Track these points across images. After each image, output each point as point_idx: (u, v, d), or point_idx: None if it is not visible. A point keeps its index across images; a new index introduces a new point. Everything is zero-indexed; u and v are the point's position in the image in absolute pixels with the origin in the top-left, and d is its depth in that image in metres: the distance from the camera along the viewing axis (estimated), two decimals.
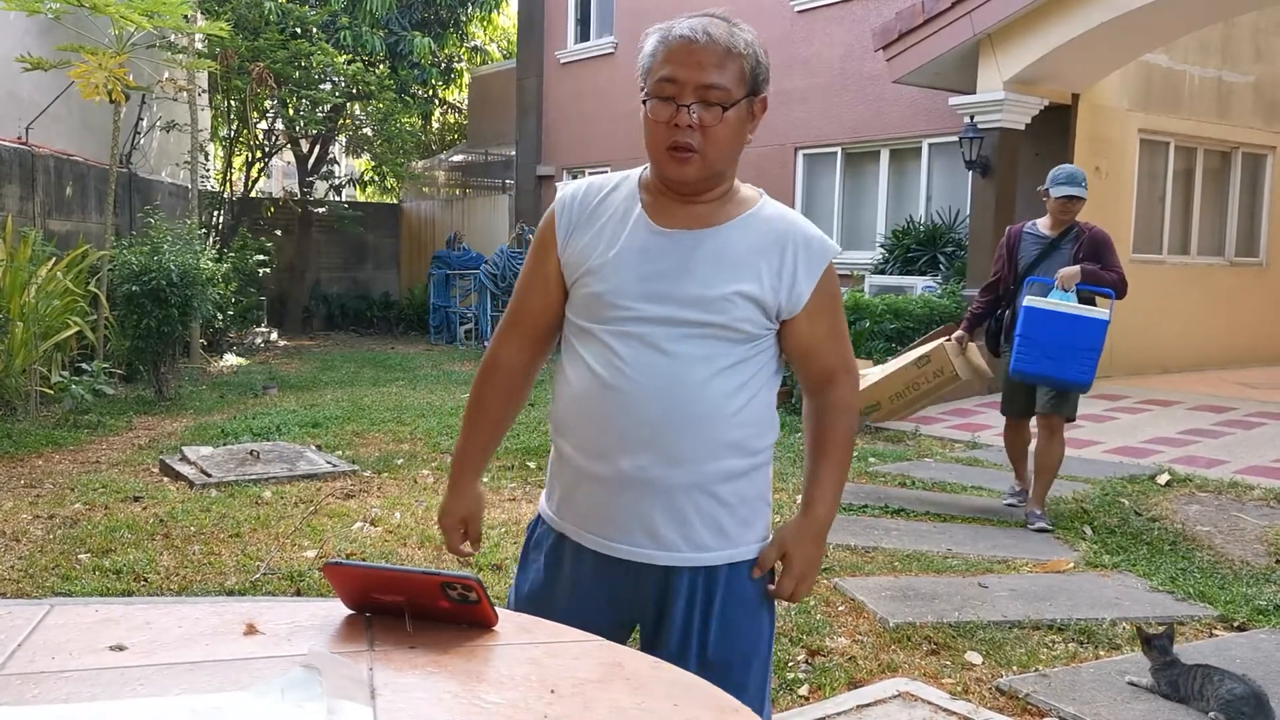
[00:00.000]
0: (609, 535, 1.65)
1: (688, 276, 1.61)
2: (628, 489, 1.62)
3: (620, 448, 1.61)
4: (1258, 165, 11.21)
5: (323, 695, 1.00)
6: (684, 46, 1.58)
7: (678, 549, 1.63)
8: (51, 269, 7.64)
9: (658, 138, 1.60)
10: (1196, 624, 3.64)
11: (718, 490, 1.63)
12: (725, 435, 1.62)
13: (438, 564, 4.17)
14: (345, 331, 15.37)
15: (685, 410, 1.59)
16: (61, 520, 4.67)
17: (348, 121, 15.60)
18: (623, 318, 1.62)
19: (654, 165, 1.64)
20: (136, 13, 7.88)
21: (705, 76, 1.56)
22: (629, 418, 1.60)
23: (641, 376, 1.60)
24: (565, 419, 1.69)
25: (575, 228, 1.69)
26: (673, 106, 1.57)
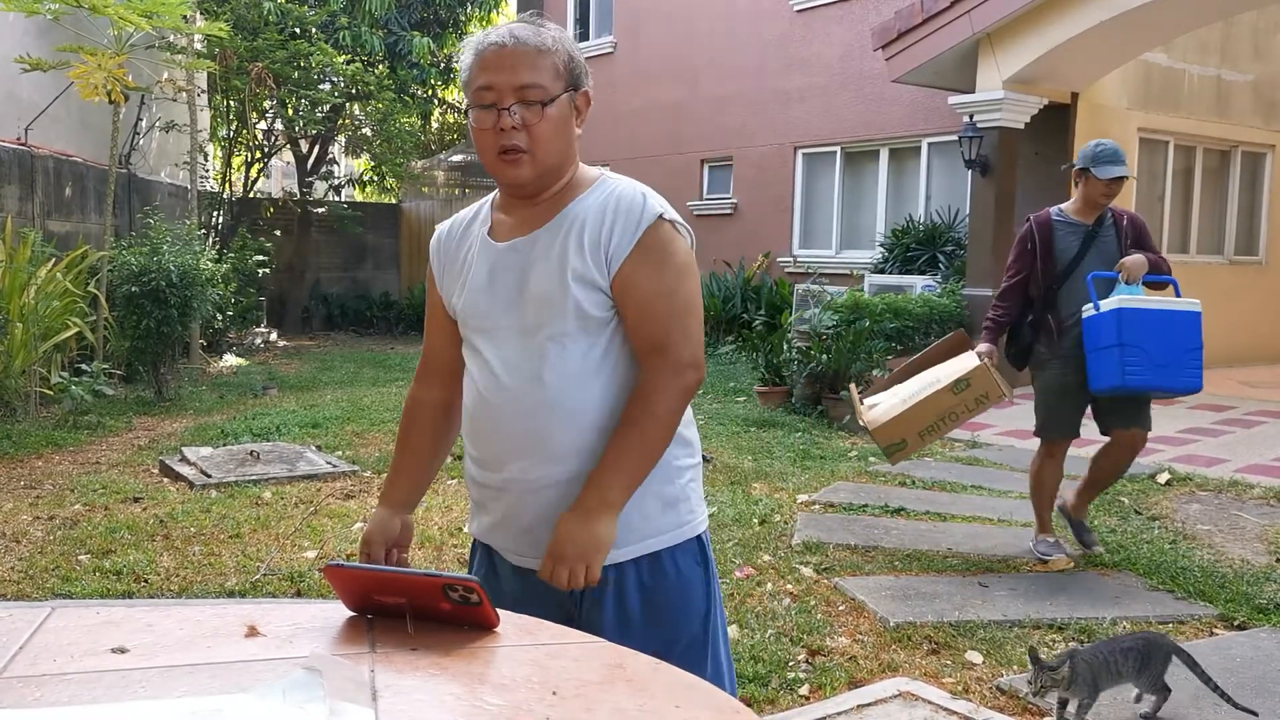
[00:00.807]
0: (516, 548, 1.71)
1: (529, 280, 1.66)
2: (520, 496, 1.67)
3: (501, 457, 1.68)
4: (1257, 164, 11.22)
5: (324, 697, 1.00)
6: (495, 53, 1.63)
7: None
8: (51, 270, 7.63)
9: (486, 145, 1.64)
10: (1196, 623, 3.64)
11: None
12: (590, 427, 1.64)
13: (437, 565, 4.17)
14: (345, 332, 15.37)
15: (554, 408, 1.63)
16: (61, 521, 4.67)
17: (347, 121, 15.59)
18: (485, 331, 1.70)
19: (491, 173, 1.69)
20: (135, 13, 7.87)
21: (520, 77, 1.61)
22: (506, 426, 1.66)
23: (511, 383, 1.66)
24: (464, 436, 1.79)
25: (444, 266, 1.81)
26: (494, 112, 1.62)
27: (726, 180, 12.63)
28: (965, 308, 8.65)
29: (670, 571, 1.70)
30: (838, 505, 5.17)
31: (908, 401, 4.19)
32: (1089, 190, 4.17)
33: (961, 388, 4.14)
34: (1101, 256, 4.16)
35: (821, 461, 6.20)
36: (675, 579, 1.70)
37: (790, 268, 11.75)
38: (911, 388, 4.27)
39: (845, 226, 11.53)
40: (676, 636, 1.69)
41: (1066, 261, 4.19)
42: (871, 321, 7.90)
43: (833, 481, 5.69)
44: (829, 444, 6.74)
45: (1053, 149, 9.22)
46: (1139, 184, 9.99)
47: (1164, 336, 3.94)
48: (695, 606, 1.72)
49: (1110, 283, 4.08)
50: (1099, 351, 4.01)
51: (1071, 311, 4.16)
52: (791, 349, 8.07)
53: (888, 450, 4.21)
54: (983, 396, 4.13)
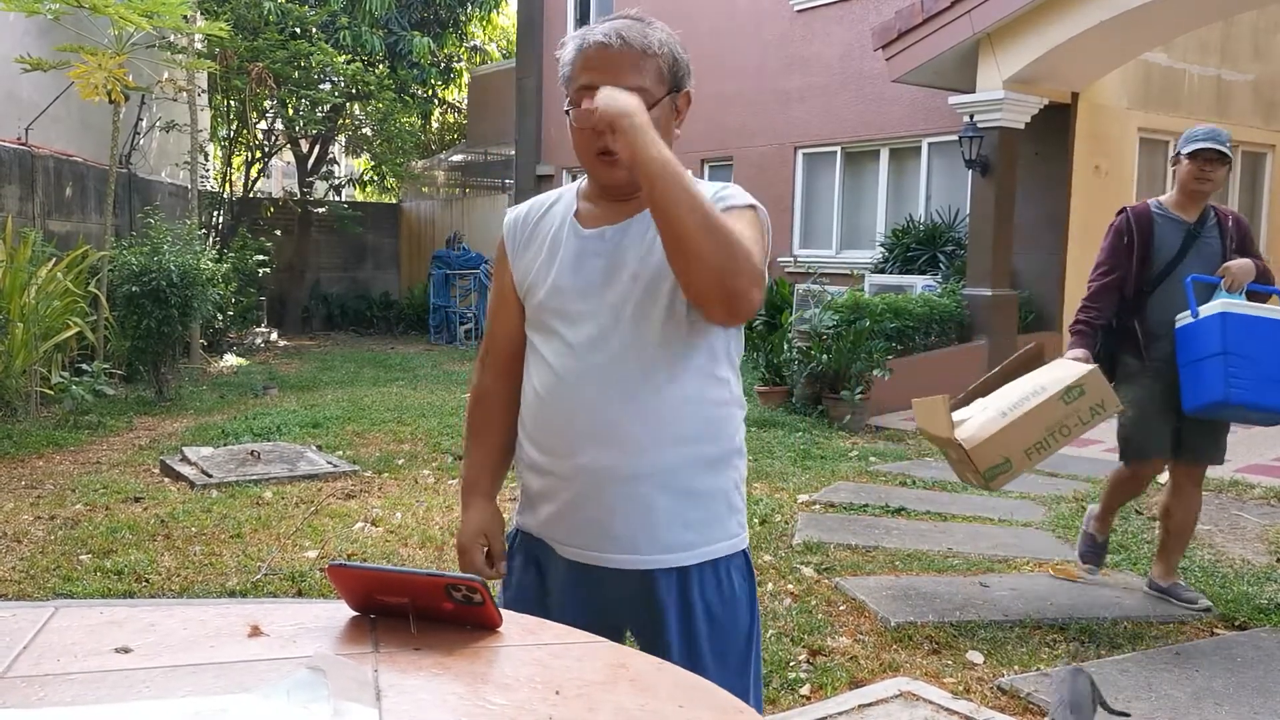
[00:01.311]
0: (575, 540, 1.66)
1: (620, 266, 1.63)
2: (590, 486, 1.62)
3: (575, 443, 1.63)
4: (1257, 164, 11.22)
5: (328, 697, 1.00)
6: (599, 53, 1.59)
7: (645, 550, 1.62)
8: (51, 269, 7.64)
9: (584, 145, 1.61)
10: (1197, 623, 3.64)
11: (688, 485, 1.63)
12: (676, 423, 1.62)
13: (439, 565, 4.17)
14: (345, 331, 15.37)
15: (634, 397, 1.60)
16: (62, 521, 4.67)
17: (347, 121, 15.60)
18: (564, 315, 1.65)
19: (588, 172, 1.67)
20: (136, 13, 7.87)
21: (623, 80, 1.56)
22: (582, 412, 1.62)
23: (589, 369, 1.62)
24: (526, 422, 1.72)
25: (520, 248, 1.75)
26: (578, 113, 1.58)
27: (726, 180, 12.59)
28: (965, 308, 8.65)
29: (725, 582, 1.68)
30: (838, 505, 5.17)
31: (1009, 414, 3.47)
32: (1182, 177, 3.71)
33: (1074, 396, 3.45)
34: (1202, 259, 3.70)
35: (822, 461, 6.20)
36: (730, 591, 1.68)
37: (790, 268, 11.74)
38: (1009, 398, 3.56)
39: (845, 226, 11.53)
40: (727, 650, 1.67)
41: (1164, 262, 3.71)
42: (872, 321, 7.90)
43: (833, 481, 5.69)
44: (829, 444, 6.74)
45: (1053, 149, 9.22)
46: (1139, 183, 10.00)
47: (1276, 348, 3.45)
48: (742, 620, 1.70)
49: (1208, 289, 3.62)
50: (1197, 364, 3.52)
51: (1164, 318, 3.68)
52: (792, 349, 8.07)
53: (988, 474, 3.44)
54: (1098, 406, 3.46)
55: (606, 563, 1.63)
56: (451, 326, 14.10)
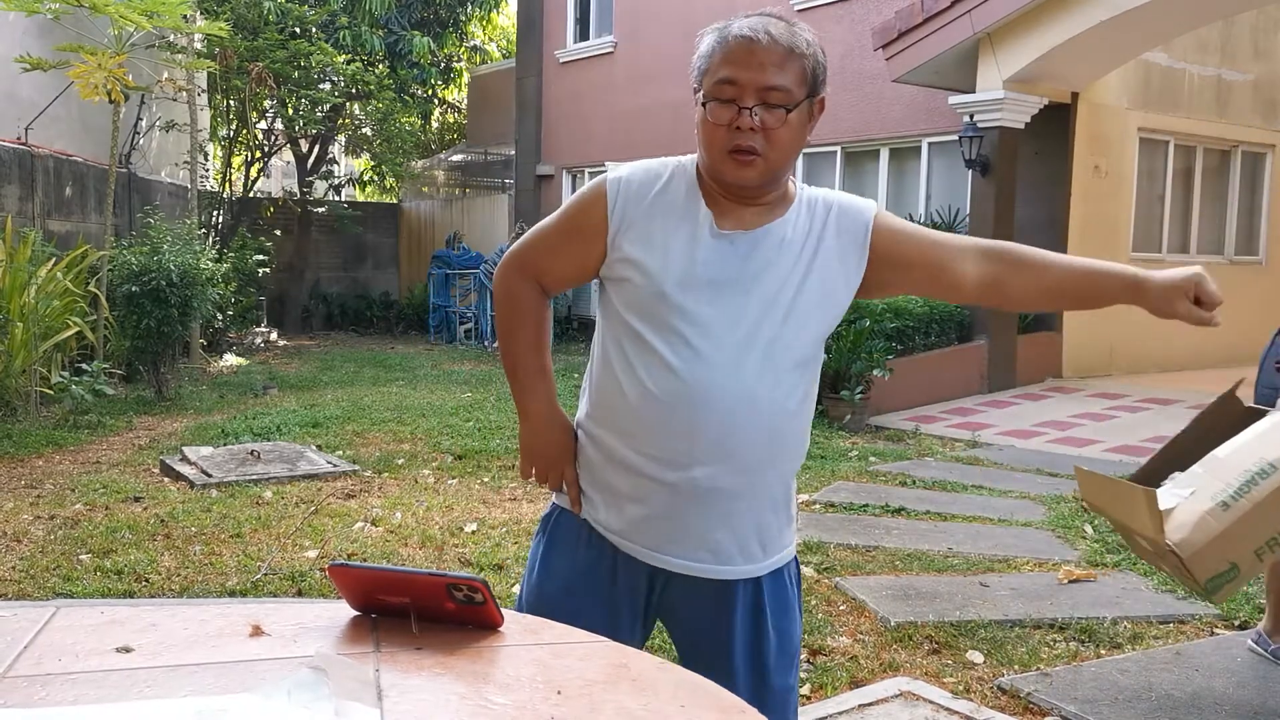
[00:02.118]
0: (669, 550, 1.62)
1: (758, 276, 1.57)
2: (695, 499, 1.58)
3: (693, 456, 1.56)
4: (1257, 164, 11.22)
5: (329, 696, 1.00)
6: (744, 46, 1.52)
7: (736, 561, 1.63)
8: (51, 269, 7.64)
9: (717, 140, 1.54)
10: (1198, 622, 3.64)
11: (776, 498, 1.65)
12: (791, 445, 1.64)
13: (439, 565, 4.17)
14: (345, 331, 15.37)
15: (757, 425, 1.57)
16: (62, 521, 4.67)
17: (347, 121, 15.59)
18: (693, 318, 1.56)
19: (712, 167, 1.58)
20: (136, 13, 7.87)
21: (767, 78, 1.51)
22: (711, 430, 1.55)
23: (716, 383, 1.55)
24: (626, 424, 1.61)
25: (631, 220, 1.60)
26: (734, 109, 1.52)
27: None
28: (965, 308, 8.65)
29: (790, 589, 1.71)
30: (838, 505, 5.17)
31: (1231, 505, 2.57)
32: None
33: None
34: None
35: (822, 461, 6.20)
36: (790, 597, 1.71)
37: None
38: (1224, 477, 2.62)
39: None
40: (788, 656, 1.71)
41: None
42: (871, 321, 7.90)
43: (833, 481, 5.69)
44: (829, 443, 6.74)
45: (1053, 149, 9.23)
46: (1139, 183, 10.00)
47: None
48: (797, 626, 1.73)
49: None
50: None
51: None
52: None
53: (1210, 585, 2.54)
54: None
55: (700, 573, 1.62)
56: (451, 326, 14.09)
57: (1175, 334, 10.24)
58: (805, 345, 1.60)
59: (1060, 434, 7.12)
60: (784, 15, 1.59)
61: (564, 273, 1.70)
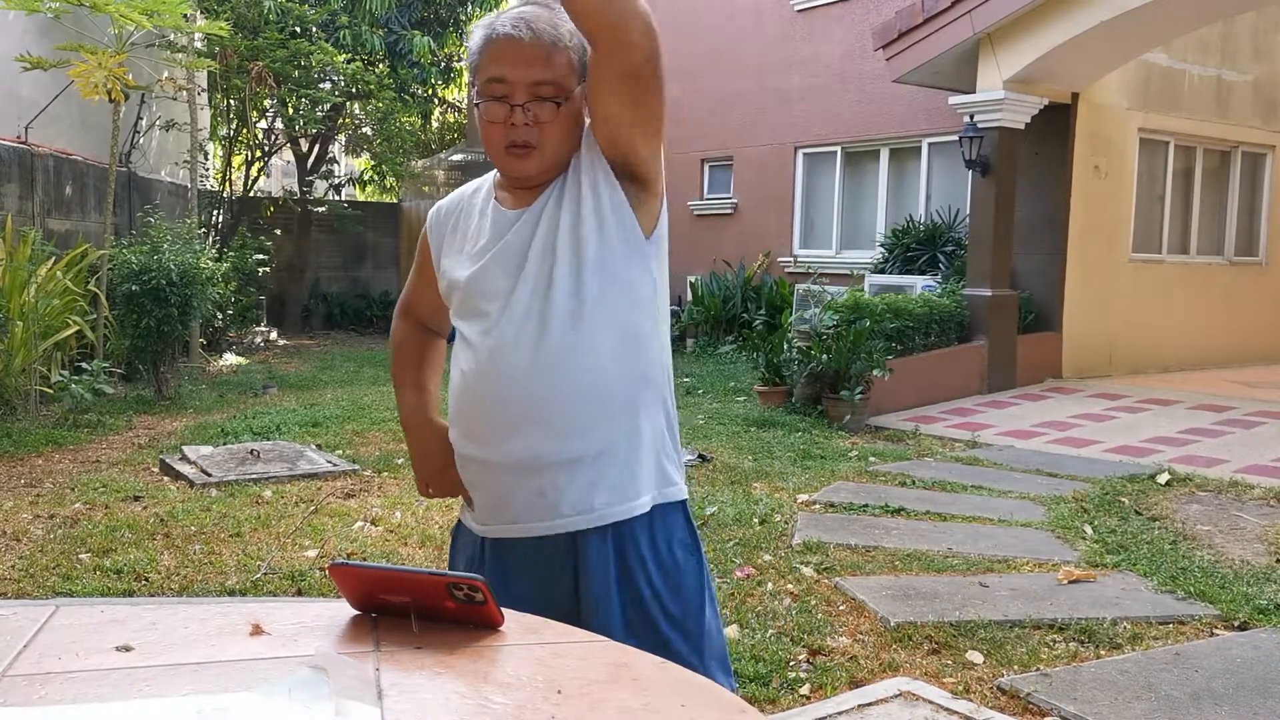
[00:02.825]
0: (509, 519, 1.65)
1: (539, 238, 1.62)
2: (519, 470, 1.61)
3: (505, 430, 1.61)
4: (1257, 164, 11.23)
5: (330, 696, 1.00)
6: (509, 44, 1.55)
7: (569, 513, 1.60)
8: (51, 268, 7.63)
9: (494, 138, 1.60)
10: (1197, 623, 3.64)
11: (621, 447, 1.61)
12: (619, 395, 1.61)
13: (439, 564, 4.17)
14: (345, 331, 15.36)
15: (567, 381, 1.59)
16: (62, 520, 4.67)
17: (347, 121, 15.59)
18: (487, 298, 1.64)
19: (495, 164, 1.66)
20: (136, 12, 7.87)
21: (534, 73, 1.55)
22: (508, 398, 1.60)
23: (511, 354, 1.59)
24: (454, 415, 1.71)
25: (443, 239, 1.77)
26: (505, 107, 1.56)
27: (727, 180, 12.63)
28: (965, 308, 8.65)
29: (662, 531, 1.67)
30: (838, 505, 5.17)
31: None
32: None
33: None
34: None
35: (822, 461, 6.20)
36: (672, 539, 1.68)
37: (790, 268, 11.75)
38: None
39: (845, 226, 11.54)
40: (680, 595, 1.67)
41: None
42: (872, 321, 7.90)
43: (833, 481, 5.69)
44: (829, 444, 6.75)
45: (1053, 149, 9.23)
46: (1139, 184, 10.00)
47: None
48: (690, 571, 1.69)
49: None
50: None
51: None
52: (792, 349, 8.07)
53: None
54: None
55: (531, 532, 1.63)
56: None
57: (1175, 336, 10.25)
58: (601, 285, 1.60)
59: (1060, 434, 7.13)
60: (550, 3, 1.59)
61: (428, 302, 1.85)
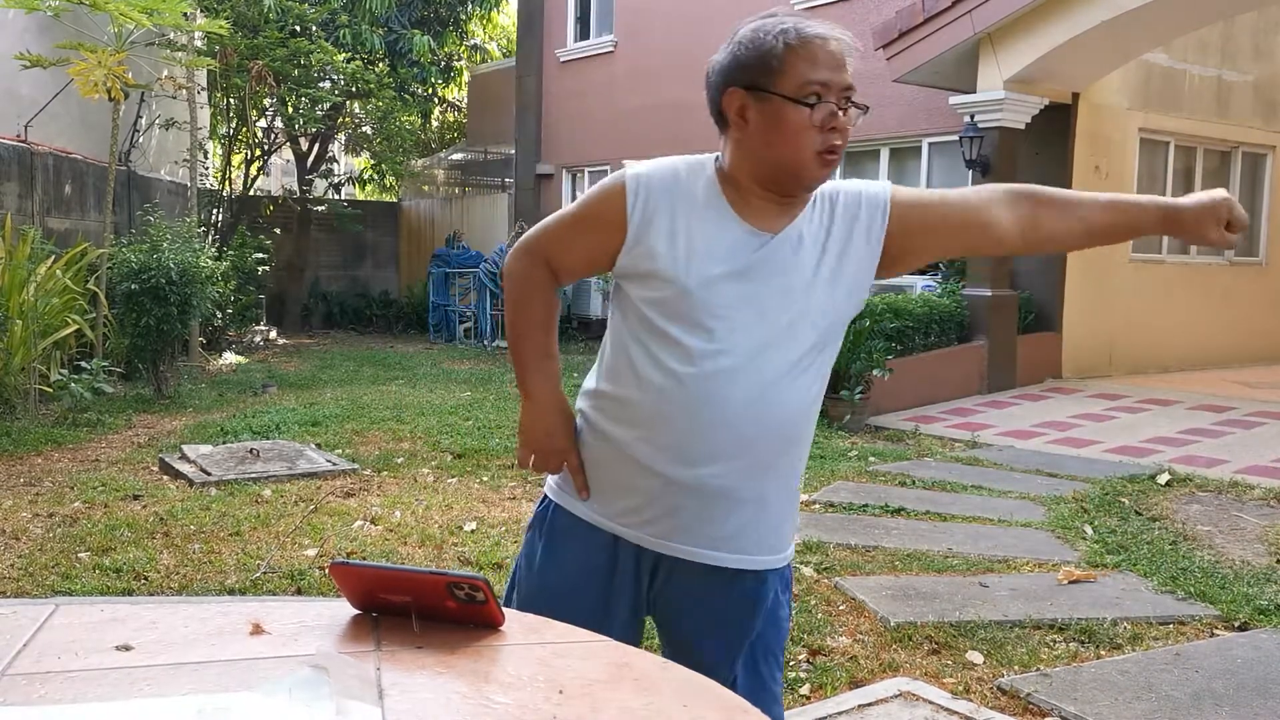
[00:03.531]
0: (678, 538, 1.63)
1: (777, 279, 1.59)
2: (705, 496, 1.60)
3: (706, 454, 1.58)
4: (1257, 164, 11.22)
5: (331, 695, 1.00)
6: (826, 48, 1.56)
7: (749, 552, 1.65)
8: (50, 267, 7.62)
9: (808, 142, 1.54)
10: (1197, 623, 3.64)
11: (787, 494, 1.68)
12: (804, 442, 1.68)
13: (438, 564, 4.17)
14: (344, 330, 15.36)
15: (772, 421, 1.60)
16: (61, 519, 4.67)
17: (347, 120, 15.58)
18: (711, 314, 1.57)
19: (795, 168, 1.56)
20: (136, 10, 7.86)
21: (848, 78, 1.57)
22: (723, 423, 1.57)
23: (735, 380, 1.56)
24: (639, 418, 1.61)
25: (650, 217, 1.59)
26: (832, 109, 1.55)
27: None
28: (965, 308, 8.65)
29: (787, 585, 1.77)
30: (838, 505, 5.17)
31: None
32: None
33: None
34: None
35: (822, 461, 6.20)
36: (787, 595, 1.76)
37: None
38: None
39: None
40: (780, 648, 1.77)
41: None
42: (871, 321, 7.90)
43: (833, 481, 5.69)
44: (829, 444, 6.74)
45: (1053, 149, 9.22)
46: (1139, 184, 9.99)
47: None
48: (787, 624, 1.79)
49: None
50: None
51: None
52: None
53: None
54: None
55: (711, 560, 1.64)
56: (451, 325, 14.09)
57: (1175, 336, 10.24)
58: (823, 337, 1.63)
59: (1060, 434, 7.12)
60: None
61: (575, 264, 1.70)
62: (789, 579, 1.76)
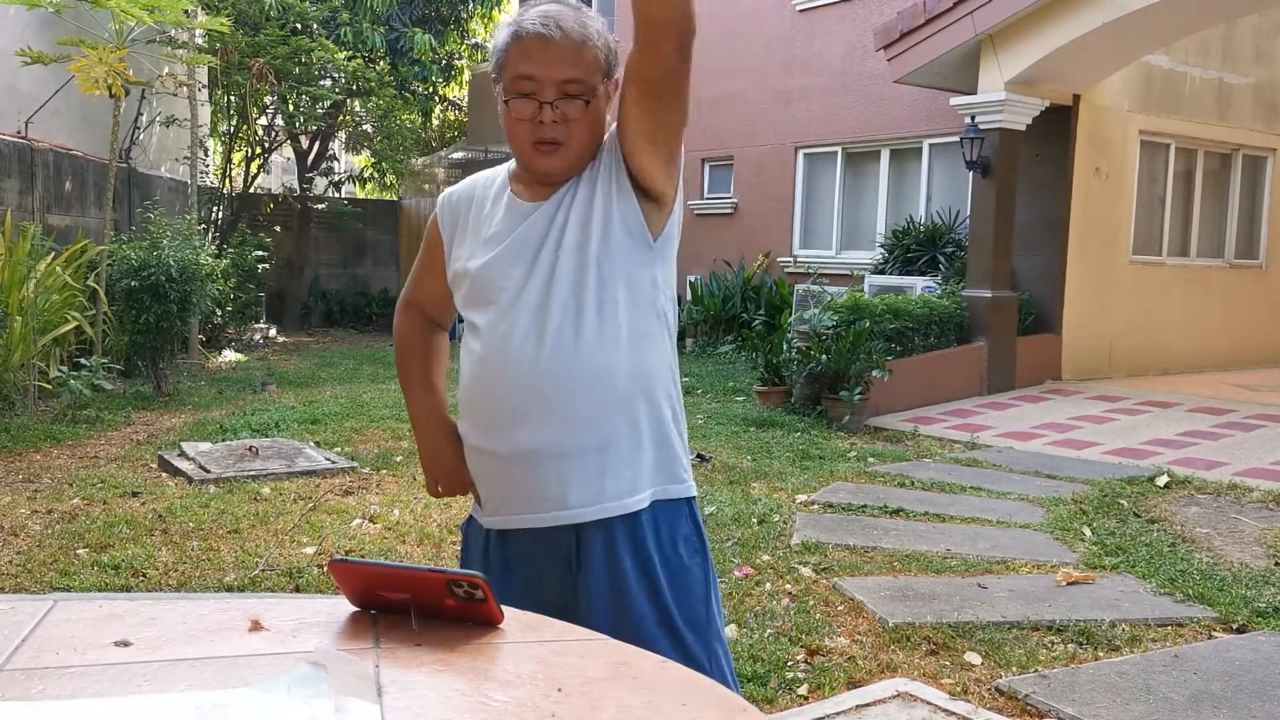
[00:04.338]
0: (513, 509, 1.66)
1: (546, 242, 1.64)
2: (527, 460, 1.63)
3: (511, 420, 1.63)
4: (1258, 167, 11.22)
5: (329, 692, 1.00)
6: (538, 42, 1.57)
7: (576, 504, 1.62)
8: (50, 264, 7.62)
9: (521, 134, 1.61)
10: (1196, 625, 3.64)
11: (624, 439, 1.63)
12: (621, 386, 1.62)
13: (437, 561, 4.17)
14: (344, 328, 15.36)
15: (572, 373, 1.61)
16: (60, 515, 4.67)
17: (348, 118, 15.57)
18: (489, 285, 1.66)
19: (519, 159, 1.67)
20: (137, 7, 7.86)
21: (563, 71, 1.57)
22: (515, 388, 1.63)
23: (519, 345, 1.62)
24: (464, 407, 1.74)
25: (456, 227, 1.76)
26: (534, 103, 1.58)
27: (727, 180, 12.63)
28: (965, 309, 8.65)
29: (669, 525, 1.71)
30: (837, 505, 5.17)
31: None
32: None
33: None
34: None
35: (820, 461, 6.20)
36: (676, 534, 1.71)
37: (790, 268, 11.74)
38: None
39: (846, 227, 11.53)
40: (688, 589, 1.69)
41: None
42: (871, 322, 7.90)
43: (832, 481, 5.69)
44: (828, 444, 6.74)
45: (1054, 151, 9.23)
46: (1140, 186, 10.00)
47: None
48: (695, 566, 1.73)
49: None
50: None
51: None
52: (791, 349, 8.07)
53: None
54: None
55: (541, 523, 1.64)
56: None
57: (1174, 338, 10.24)
58: (614, 287, 1.62)
59: (1059, 436, 7.13)
60: (572, 3, 1.63)
61: (431, 294, 1.86)
62: (687, 533, 1.67)
